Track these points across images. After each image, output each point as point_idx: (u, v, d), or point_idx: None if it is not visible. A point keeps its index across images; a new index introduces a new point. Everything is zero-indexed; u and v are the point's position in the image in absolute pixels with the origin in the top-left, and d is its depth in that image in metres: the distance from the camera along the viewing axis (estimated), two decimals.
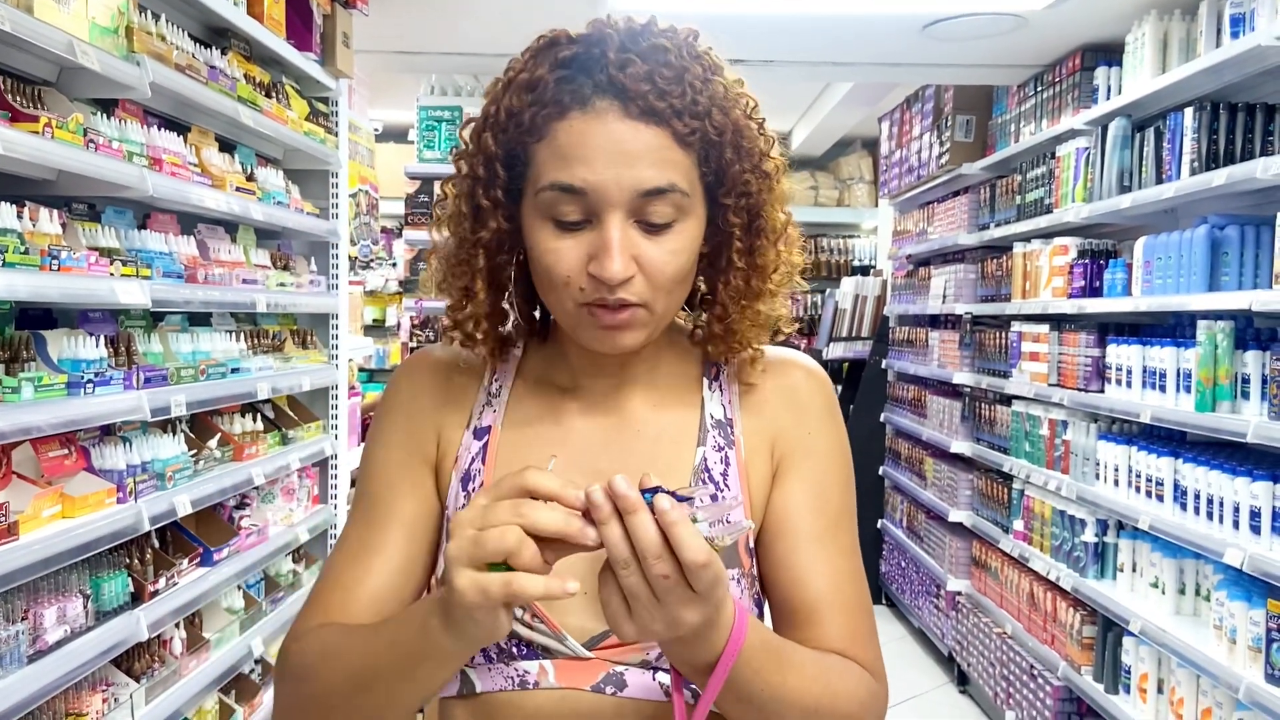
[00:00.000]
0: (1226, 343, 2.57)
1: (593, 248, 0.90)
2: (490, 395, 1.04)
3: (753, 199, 0.97)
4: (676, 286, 0.94)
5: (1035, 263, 3.77)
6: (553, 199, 0.90)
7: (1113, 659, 3.12)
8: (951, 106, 4.62)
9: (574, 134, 0.89)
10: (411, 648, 0.85)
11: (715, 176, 0.95)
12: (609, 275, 0.89)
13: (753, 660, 0.84)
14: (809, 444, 1.03)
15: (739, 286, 0.99)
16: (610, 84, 0.89)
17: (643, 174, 0.89)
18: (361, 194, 3.86)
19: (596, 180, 0.88)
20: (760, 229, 0.98)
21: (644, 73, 0.89)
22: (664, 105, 0.89)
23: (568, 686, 0.94)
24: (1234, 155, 2.75)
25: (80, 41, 1.84)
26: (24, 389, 1.76)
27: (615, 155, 0.88)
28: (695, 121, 0.91)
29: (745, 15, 3.60)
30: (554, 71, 0.91)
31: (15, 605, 1.78)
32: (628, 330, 0.93)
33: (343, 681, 0.90)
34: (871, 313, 6.04)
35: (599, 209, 0.89)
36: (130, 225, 2.26)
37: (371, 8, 3.37)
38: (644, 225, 0.91)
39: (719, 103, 0.93)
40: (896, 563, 5.33)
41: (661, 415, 1.02)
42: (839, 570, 0.99)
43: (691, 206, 0.93)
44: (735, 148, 0.94)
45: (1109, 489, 3.14)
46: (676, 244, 0.92)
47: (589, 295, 0.91)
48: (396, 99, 5.57)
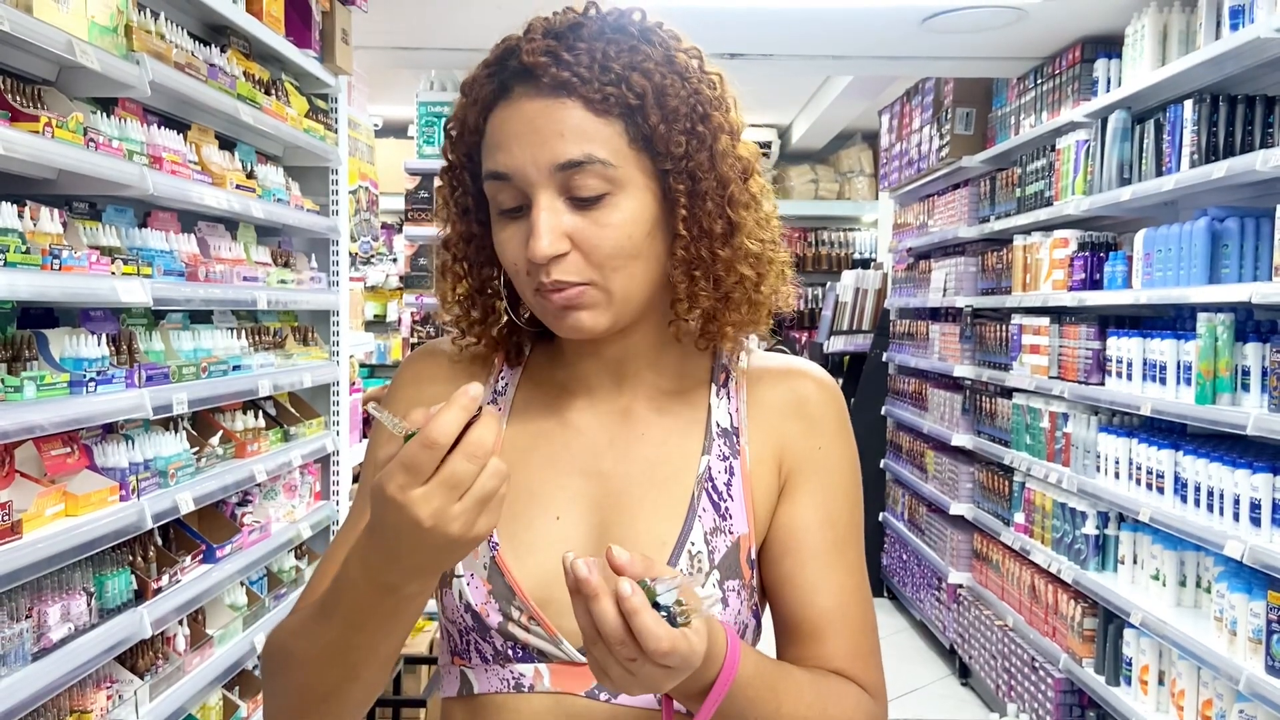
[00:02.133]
0: (1227, 335, 2.57)
1: (526, 231, 0.90)
2: (496, 394, 1.04)
3: (691, 161, 0.91)
4: (627, 262, 0.91)
5: (1035, 255, 3.77)
6: (492, 189, 0.92)
7: (1114, 651, 3.13)
8: (951, 99, 4.62)
9: (497, 123, 0.91)
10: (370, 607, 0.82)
11: (647, 142, 0.91)
12: (533, 254, 0.88)
13: (747, 689, 0.84)
14: (819, 459, 1.01)
15: (684, 256, 0.92)
16: (521, 68, 0.90)
17: (555, 148, 0.88)
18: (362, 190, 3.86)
19: (514, 163, 0.89)
20: (703, 192, 0.92)
21: (549, 47, 0.89)
22: (568, 75, 0.88)
23: (562, 691, 0.94)
24: (1234, 147, 2.75)
25: (80, 41, 1.84)
26: (26, 388, 1.76)
27: (528, 135, 0.89)
28: (608, 88, 0.88)
29: (744, 9, 3.60)
30: (486, 69, 0.93)
31: (19, 603, 1.78)
32: (582, 310, 0.92)
33: (316, 663, 0.88)
34: (872, 306, 6.04)
35: (525, 191, 0.90)
36: (131, 224, 2.27)
37: (370, 4, 3.37)
38: (574, 201, 0.90)
39: (639, 67, 0.89)
40: (898, 555, 5.33)
41: (666, 418, 1.01)
42: (845, 588, 0.98)
43: (624, 178, 0.90)
44: (661, 109, 0.89)
45: (1110, 481, 3.14)
46: (611, 217, 0.90)
47: (535, 280, 0.91)
48: (396, 95, 5.57)
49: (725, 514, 0.98)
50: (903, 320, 5.42)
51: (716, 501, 0.98)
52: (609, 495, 0.98)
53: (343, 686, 0.89)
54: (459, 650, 0.99)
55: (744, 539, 0.97)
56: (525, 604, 0.94)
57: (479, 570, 0.96)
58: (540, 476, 0.98)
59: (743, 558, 0.97)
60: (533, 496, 0.98)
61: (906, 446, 5.23)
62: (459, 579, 0.97)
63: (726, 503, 0.98)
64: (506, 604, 0.95)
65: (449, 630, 1.00)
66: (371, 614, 0.83)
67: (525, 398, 1.03)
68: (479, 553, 0.96)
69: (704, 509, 0.97)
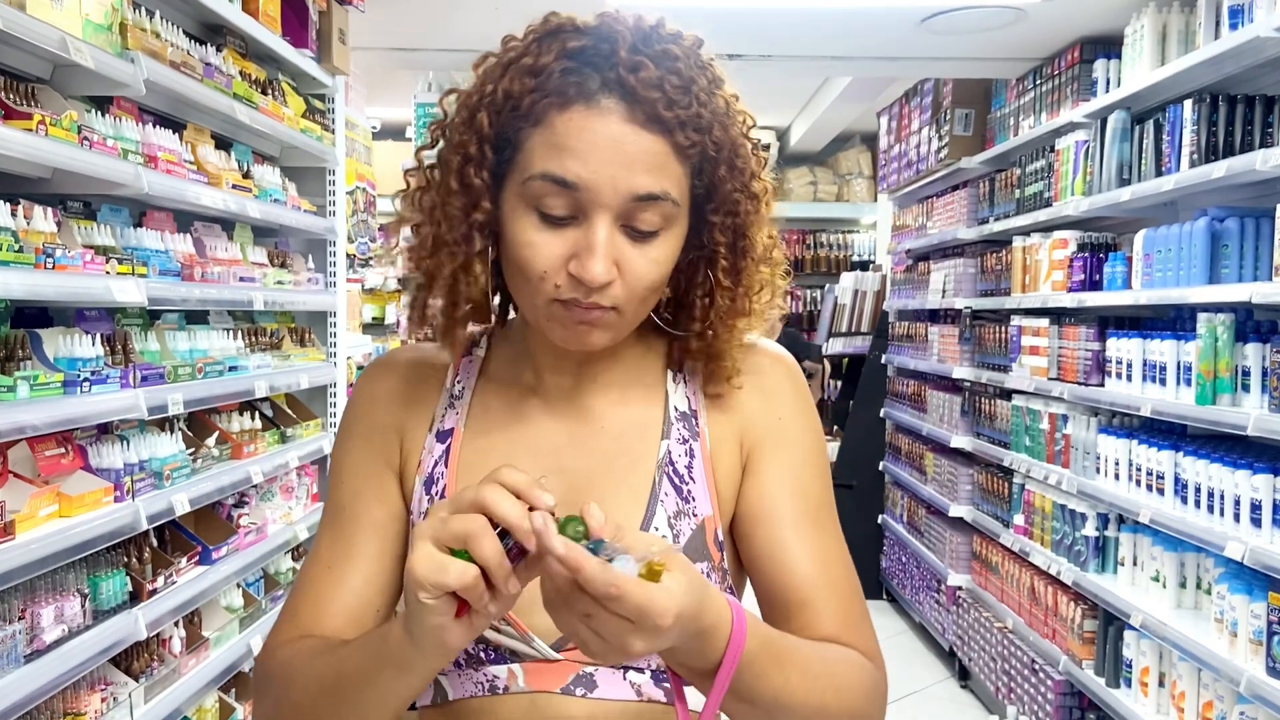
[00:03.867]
0: (1227, 335, 2.56)
1: (575, 246, 0.88)
2: (453, 397, 1.03)
3: (739, 219, 0.96)
4: (651, 295, 0.93)
5: (1035, 256, 3.77)
6: (540, 190, 0.88)
7: (1114, 653, 3.12)
8: (950, 100, 4.61)
9: (573, 127, 0.87)
10: (376, 655, 0.84)
11: (706, 191, 0.94)
12: (590, 278, 0.87)
13: (755, 663, 0.82)
14: (781, 430, 1.01)
15: (724, 306, 0.97)
16: (619, 83, 0.87)
17: (639, 179, 0.87)
18: (359, 191, 3.85)
19: (591, 177, 0.86)
20: (745, 249, 0.97)
21: (654, 79, 0.87)
22: (670, 115, 0.87)
23: (538, 690, 0.93)
24: (1233, 147, 2.75)
25: (74, 39, 1.83)
26: (20, 388, 1.75)
27: (614, 155, 0.86)
28: (697, 135, 0.89)
29: (743, 9, 3.59)
30: (560, 60, 0.88)
31: (12, 605, 1.77)
32: (597, 329, 0.92)
33: (315, 693, 0.89)
34: (871, 308, 6.03)
35: (588, 207, 0.87)
36: (126, 223, 2.26)
37: (368, 4, 3.36)
38: (630, 231, 0.89)
39: (720, 118, 0.92)
40: (897, 558, 5.32)
41: (625, 411, 1.01)
42: (827, 554, 0.98)
43: (679, 218, 0.92)
44: (730, 165, 0.93)
45: (1109, 483, 3.13)
46: (659, 253, 0.91)
47: (564, 293, 0.89)
48: (394, 96, 5.56)
49: (688, 496, 0.97)
50: (902, 322, 5.42)
51: (678, 485, 0.97)
52: (571, 490, 0.97)
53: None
54: None
55: (709, 520, 0.97)
56: None
57: None
58: None
59: (709, 539, 0.97)
60: None
61: (905, 448, 5.22)
62: None
63: (689, 485, 0.98)
64: None
65: None
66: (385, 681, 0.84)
67: (483, 400, 1.03)
68: None
69: (665, 493, 0.97)
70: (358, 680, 0.85)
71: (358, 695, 0.86)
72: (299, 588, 1.00)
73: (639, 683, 0.94)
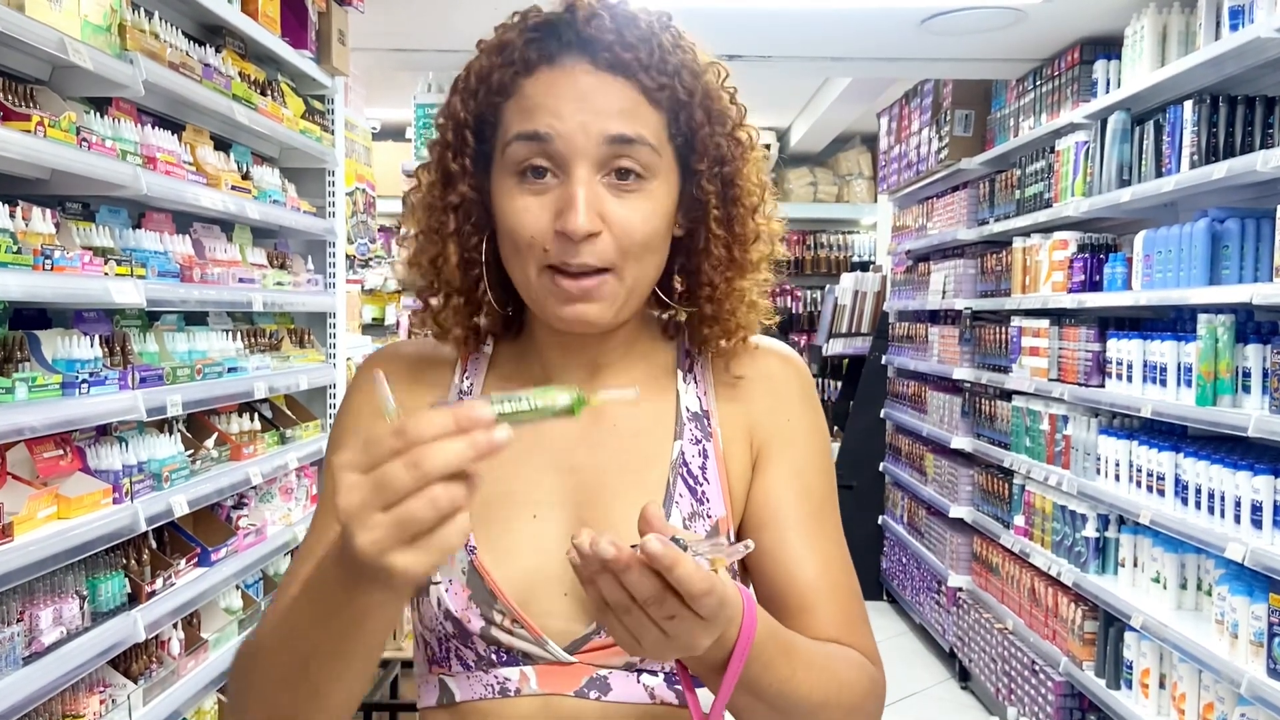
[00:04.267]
0: (1227, 336, 2.56)
1: (559, 202, 0.88)
2: (461, 393, 1.02)
3: (727, 166, 0.95)
4: (646, 254, 0.92)
5: (1035, 257, 3.76)
6: (519, 150, 0.89)
7: (1114, 654, 3.11)
8: (950, 101, 4.61)
9: (541, 87, 0.89)
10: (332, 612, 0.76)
11: (686, 140, 0.93)
12: (574, 228, 0.86)
13: (763, 654, 0.82)
14: (788, 432, 1.01)
15: (721, 256, 0.96)
16: (578, 39, 0.90)
17: (609, 122, 0.88)
18: (359, 192, 3.85)
19: (562, 127, 0.88)
20: (736, 196, 0.96)
21: (612, 27, 0.90)
22: (630, 57, 0.89)
23: (550, 692, 0.93)
24: (1234, 148, 2.74)
25: (72, 40, 1.83)
26: (18, 389, 1.75)
27: (582, 104, 0.88)
28: (664, 78, 0.90)
29: (743, 10, 3.59)
30: (524, 35, 0.92)
31: (11, 607, 1.77)
32: (595, 300, 0.90)
33: (275, 667, 0.84)
34: (871, 308, 6.03)
35: (566, 159, 0.88)
36: (125, 224, 2.25)
37: (367, 5, 3.36)
38: (612, 183, 0.89)
39: (689, 65, 0.93)
40: (897, 559, 5.32)
41: (637, 409, 1.00)
42: (828, 557, 0.98)
43: (661, 168, 0.91)
44: (706, 110, 0.93)
45: (1110, 484, 3.13)
46: (646, 205, 0.90)
47: (554, 257, 0.89)
48: (393, 97, 5.56)
49: (702, 498, 0.97)
50: (902, 323, 5.42)
51: (692, 486, 0.97)
52: (584, 490, 0.97)
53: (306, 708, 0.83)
54: (437, 659, 0.97)
55: (722, 521, 0.97)
56: (508, 607, 0.93)
57: (457, 576, 0.94)
58: (513, 475, 0.96)
59: (722, 540, 0.97)
60: (507, 496, 0.96)
61: (906, 449, 5.22)
62: (436, 585, 0.95)
63: (703, 486, 0.98)
64: (488, 608, 0.93)
65: (426, 639, 0.98)
66: (334, 610, 0.76)
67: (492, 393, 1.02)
68: (454, 559, 0.94)
69: (680, 494, 0.97)
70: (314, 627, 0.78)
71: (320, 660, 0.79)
72: (285, 578, 0.99)
73: (652, 685, 0.94)
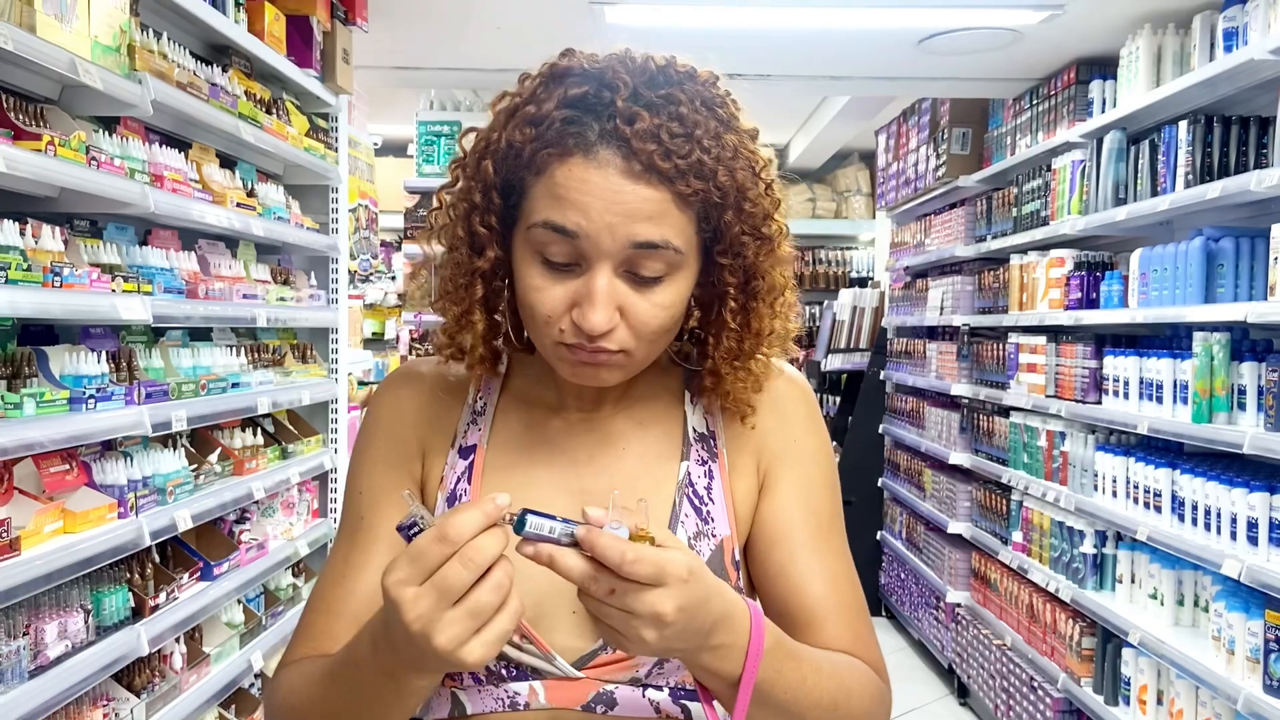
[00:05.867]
0: (1223, 354, 2.58)
1: (578, 294, 0.89)
2: (475, 413, 1.04)
3: (749, 261, 0.95)
4: (660, 337, 0.94)
5: (1032, 274, 3.79)
6: (543, 237, 0.89)
7: (1112, 670, 3.12)
8: (948, 119, 4.64)
9: (573, 178, 0.87)
10: (379, 696, 0.84)
11: (713, 234, 0.94)
12: (590, 327, 0.88)
13: (773, 661, 0.84)
14: (795, 451, 1.03)
15: (731, 347, 0.98)
16: (616, 134, 0.87)
17: (637, 228, 0.87)
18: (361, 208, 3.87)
19: (590, 227, 0.87)
20: (755, 291, 0.97)
21: (652, 129, 0.87)
22: (668, 166, 0.87)
23: (558, 707, 0.94)
24: (1228, 168, 2.77)
25: (82, 60, 1.85)
26: (26, 405, 1.76)
27: (612, 206, 0.87)
28: (699, 183, 0.88)
29: (743, 29, 3.62)
30: (560, 109, 0.89)
31: (17, 621, 1.78)
32: (604, 369, 0.93)
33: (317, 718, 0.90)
34: (869, 324, 6.05)
35: (589, 255, 0.88)
36: (132, 241, 2.27)
37: (371, 24, 3.39)
38: (633, 277, 0.90)
39: (726, 163, 0.90)
40: (896, 574, 5.32)
41: (645, 432, 1.03)
42: (835, 574, 1.00)
43: (684, 263, 0.92)
44: (737, 210, 0.92)
45: (1107, 500, 3.14)
46: (664, 298, 0.91)
47: (569, 338, 0.91)
48: (396, 114, 5.59)
49: (707, 518, 0.99)
50: (900, 339, 5.44)
51: (698, 506, 0.99)
52: None
53: None
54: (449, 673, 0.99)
55: (726, 541, 0.99)
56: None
57: None
58: (523, 495, 0.98)
59: (727, 560, 0.99)
60: None
61: (904, 465, 5.23)
62: None
63: (708, 506, 0.99)
64: None
65: None
66: (376, 695, 0.83)
67: (505, 417, 1.04)
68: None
69: (685, 514, 0.98)
70: (352, 701, 0.86)
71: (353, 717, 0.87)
72: (312, 601, 1.01)
73: (658, 700, 0.95)
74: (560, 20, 3.46)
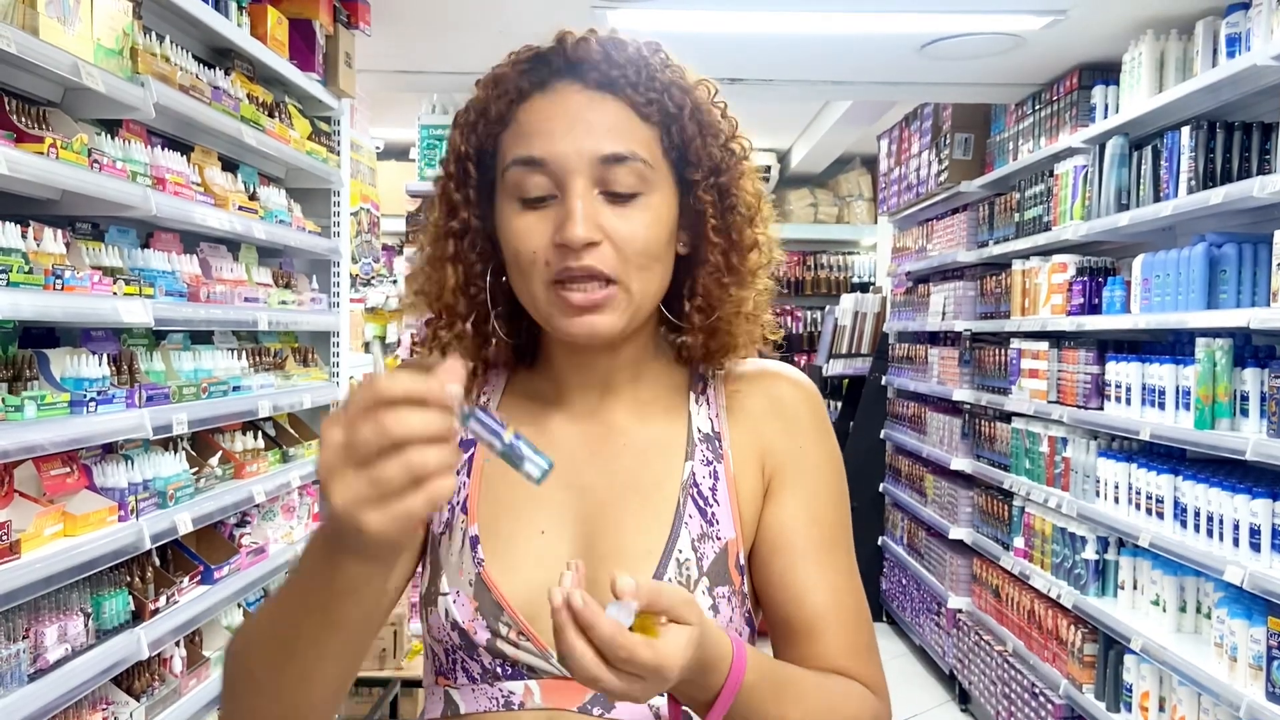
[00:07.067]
0: (1225, 360, 2.58)
1: (558, 219, 0.91)
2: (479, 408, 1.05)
3: (722, 176, 0.97)
4: (650, 262, 0.94)
5: (1034, 280, 3.79)
6: (517, 176, 0.92)
7: (1114, 677, 3.12)
8: (950, 124, 4.64)
9: (534, 113, 0.93)
10: (317, 587, 0.77)
11: (680, 153, 0.96)
12: (572, 237, 0.89)
13: (753, 695, 0.83)
14: (801, 458, 1.02)
15: (718, 263, 0.98)
16: (567, 64, 0.94)
17: (602, 141, 0.91)
18: (363, 212, 3.87)
19: (556, 150, 0.91)
20: (732, 205, 0.98)
21: (599, 50, 0.94)
22: (618, 75, 0.93)
23: (554, 707, 0.94)
24: (1231, 174, 2.77)
25: (85, 63, 1.85)
26: (27, 408, 1.76)
27: (574, 125, 0.91)
28: (652, 94, 0.94)
29: (745, 35, 3.62)
30: (516, 67, 0.96)
31: (16, 624, 1.78)
32: (602, 311, 0.92)
33: (264, 650, 0.84)
34: (871, 329, 6.05)
35: (562, 179, 0.91)
36: (133, 244, 2.27)
37: (373, 28, 3.39)
38: (609, 196, 0.92)
39: (678, 82, 0.96)
40: (897, 580, 5.32)
41: (648, 428, 1.01)
42: (838, 585, 0.99)
43: (656, 180, 0.94)
44: (697, 122, 0.96)
45: (1109, 506, 3.14)
46: (643, 216, 0.93)
47: (555, 268, 0.91)
48: (398, 117, 5.59)
49: (712, 519, 0.98)
50: (902, 344, 5.43)
51: (702, 507, 0.98)
52: (594, 507, 0.98)
53: (294, 691, 0.83)
54: (444, 670, 0.98)
55: (731, 544, 0.98)
56: (514, 619, 0.94)
57: (465, 587, 0.96)
58: (522, 491, 0.97)
59: (731, 563, 0.97)
60: (516, 511, 0.98)
61: (905, 470, 5.23)
62: (444, 597, 0.96)
63: (713, 508, 0.98)
64: (494, 620, 0.94)
65: (434, 650, 0.99)
66: (309, 585, 0.77)
67: (507, 413, 1.04)
68: (464, 569, 0.96)
69: (690, 515, 0.97)
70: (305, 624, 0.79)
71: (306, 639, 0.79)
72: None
73: (656, 704, 0.95)
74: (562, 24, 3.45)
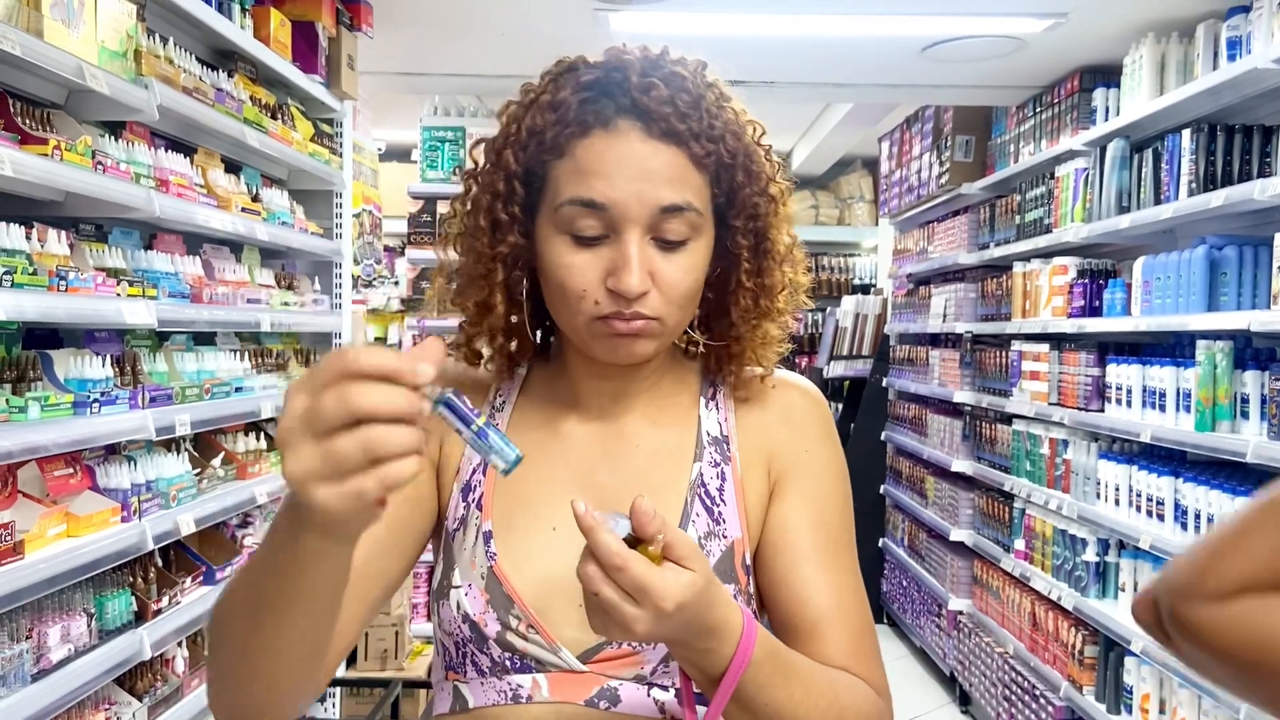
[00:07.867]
0: (1226, 362, 2.58)
1: (611, 263, 0.93)
2: (494, 409, 1.07)
3: (760, 221, 1.00)
4: (687, 303, 0.97)
5: (1035, 282, 3.79)
6: (572, 214, 0.93)
7: (1115, 679, 3.12)
8: (951, 127, 4.65)
9: (595, 152, 0.92)
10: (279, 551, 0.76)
11: (726, 199, 0.99)
12: (627, 289, 0.91)
13: (759, 674, 0.84)
14: (806, 462, 1.04)
15: (748, 306, 1.02)
16: (633, 106, 0.93)
17: (662, 192, 0.92)
18: (365, 214, 3.88)
19: (617, 196, 0.91)
20: (767, 250, 1.02)
21: (665, 96, 0.93)
22: (683, 128, 0.93)
23: (561, 700, 0.95)
24: (1231, 176, 2.77)
25: (89, 65, 1.86)
26: (31, 409, 1.77)
27: (636, 172, 0.92)
28: (711, 145, 0.95)
29: (747, 37, 3.63)
30: (577, 94, 0.94)
31: (20, 624, 1.78)
32: (641, 339, 0.95)
33: (236, 609, 0.83)
34: (872, 331, 6.05)
35: (618, 224, 0.92)
36: (137, 246, 2.28)
37: (376, 30, 3.40)
38: (659, 242, 0.94)
39: (732, 128, 0.97)
40: (898, 582, 5.32)
41: (659, 431, 1.04)
42: (841, 587, 1.00)
43: (704, 226, 0.96)
44: (746, 171, 0.98)
45: (1110, 508, 3.14)
46: (689, 262, 0.95)
47: (605, 309, 0.93)
48: (400, 119, 5.60)
49: (719, 518, 1.00)
50: (902, 346, 5.44)
51: (709, 506, 1.00)
52: (604, 506, 0.98)
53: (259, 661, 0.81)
54: (454, 665, 1.00)
55: (738, 543, 1.00)
56: (524, 612, 0.95)
57: (476, 580, 0.98)
58: (536, 488, 1.00)
59: (737, 562, 0.99)
60: (529, 508, 1.00)
61: (906, 472, 5.23)
62: (456, 590, 0.98)
63: (720, 507, 1.00)
64: (505, 613, 0.96)
65: (445, 645, 1.01)
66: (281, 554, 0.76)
67: (522, 413, 1.06)
68: (476, 563, 0.98)
69: (697, 514, 0.99)
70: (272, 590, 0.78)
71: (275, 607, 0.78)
72: None
73: (663, 700, 0.96)
74: (564, 26, 3.46)
